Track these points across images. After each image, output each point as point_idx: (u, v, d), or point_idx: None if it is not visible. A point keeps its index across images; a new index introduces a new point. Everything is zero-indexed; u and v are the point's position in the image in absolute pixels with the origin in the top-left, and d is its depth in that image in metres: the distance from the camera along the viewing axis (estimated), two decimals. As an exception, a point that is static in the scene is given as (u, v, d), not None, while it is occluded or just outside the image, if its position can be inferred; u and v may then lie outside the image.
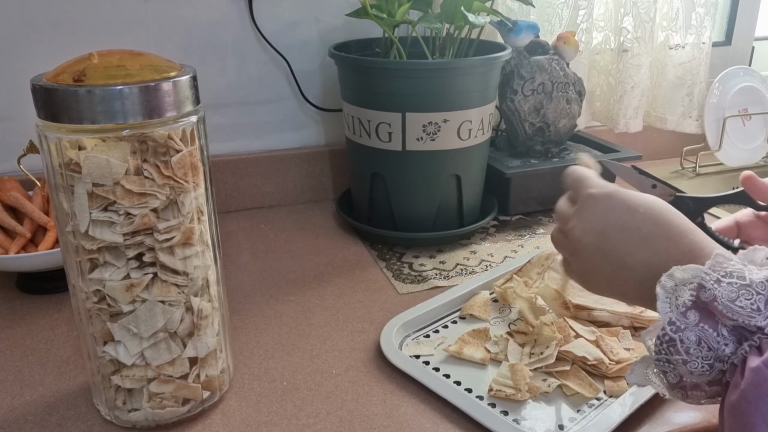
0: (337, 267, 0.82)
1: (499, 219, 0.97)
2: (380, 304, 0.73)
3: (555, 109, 0.99)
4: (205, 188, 0.52)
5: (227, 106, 0.98)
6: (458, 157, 0.84)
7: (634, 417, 0.54)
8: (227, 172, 0.99)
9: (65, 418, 0.56)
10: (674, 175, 1.20)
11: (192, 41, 0.93)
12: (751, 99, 1.21)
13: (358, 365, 0.63)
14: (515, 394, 0.57)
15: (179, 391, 0.53)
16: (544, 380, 0.59)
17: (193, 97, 0.49)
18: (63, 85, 0.45)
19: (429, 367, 0.62)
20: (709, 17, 1.13)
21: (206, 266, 0.53)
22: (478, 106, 0.82)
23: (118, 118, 0.45)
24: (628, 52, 1.10)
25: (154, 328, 0.50)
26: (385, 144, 0.83)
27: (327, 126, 1.05)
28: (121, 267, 0.49)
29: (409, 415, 0.56)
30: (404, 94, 0.79)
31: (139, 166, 0.47)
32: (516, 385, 0.57)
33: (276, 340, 0.67)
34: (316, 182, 1.05)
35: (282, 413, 0.56)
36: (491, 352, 0.63)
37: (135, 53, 0.49)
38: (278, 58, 0.97)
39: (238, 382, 0.60)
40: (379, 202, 0.88)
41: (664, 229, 0.44)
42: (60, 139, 0.46)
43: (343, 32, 0.99)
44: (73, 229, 0.48)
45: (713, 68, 1.20)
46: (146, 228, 0.48)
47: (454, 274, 0.80)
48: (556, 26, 1.07)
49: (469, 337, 0.65)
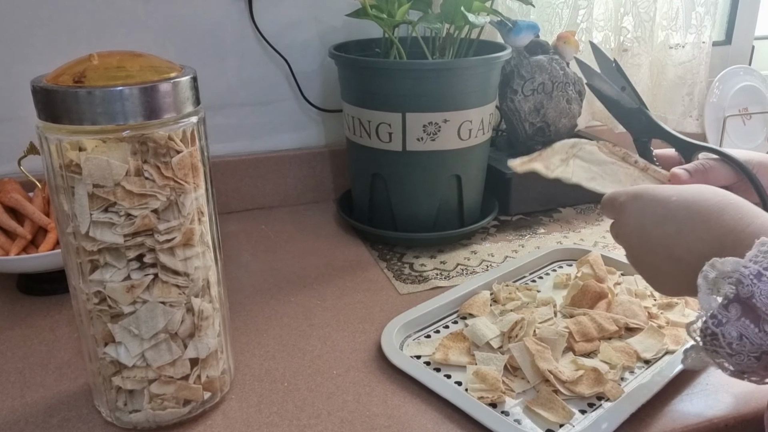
0: (337, 267, 0.82)
1: (500, 219, 0.97)
2: (381, 305, 0.73)
3: (555, 108, 0.99)
4: (206, 189, 0.52)
5: (227, 107, 0.98)
6: (458, 157, 0.84)
7: (636, 416, 0.54)
8: (228, 172, 0.99)
9: (66, 420, 0.56)
10: (675, 174, 1.20)
11: (192, 42, 0.93)
12: (751, 98, 1.21)
13: (359, 366, 0.63)
14: (499, 396, 0.56)
15: (180, 392, 0.53)
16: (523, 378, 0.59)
17: (193, 97, 0.49)
18: (63, 86, 0.45)
19: (430, 367, 0.62)
20: (709, 16, 1.13)
21: (207, 267, 0.53)
22: (479, 106, 0.82)
23: (118, 119, 0.45)
24: (628, 51, 1.10)
25: (155, 329, 0.50)
26: (385, 144, 0.83)
27: (327, 126, 1.05)
28: (122, 268, 0.49)
29: (410, 415, 0.56)
30: (404, 94, 0.79)
31: (140, 167, 0.47)
32: (492, 387, 0.57)
33: (277, 340, 0.67)
34: (317, 183, 1.05)
35: (283, 414, 0.56)
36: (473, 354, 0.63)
37: (135, 54, 0.49)
38: (278, 59, 0.97)
39: (239, 383, 0.60)
40: (380, 202, 0.88)
41: (699, 210, 0.42)
42: (60, 141, 0.46)
43: (343, 33, 0.99)
44: (74, 230, 0.48)
45: (713, 68, 1.20)
46: (147, 229, 0.48)
47: (454, 274, 0.80)
48: (556, 26, 1.07)
49: (449, 342, 0.65)
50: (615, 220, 0.51)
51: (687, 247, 0.42)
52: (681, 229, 0.42)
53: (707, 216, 0.41)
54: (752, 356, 0.36)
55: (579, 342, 0.63)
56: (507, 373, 0.61)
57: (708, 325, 0.37)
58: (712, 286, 0.37)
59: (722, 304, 0.37)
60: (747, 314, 0.36)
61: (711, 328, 0.37)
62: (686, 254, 0.42)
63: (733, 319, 0.36)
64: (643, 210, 0.46)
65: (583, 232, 0.93)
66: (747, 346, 0.36)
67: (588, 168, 0.59)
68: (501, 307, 0.70)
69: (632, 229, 0.47)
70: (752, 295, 0.35)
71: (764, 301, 0.34)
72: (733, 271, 0.36)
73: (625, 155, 0.60)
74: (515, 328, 0.64)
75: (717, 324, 0.37)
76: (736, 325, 0.36)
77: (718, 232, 0.40)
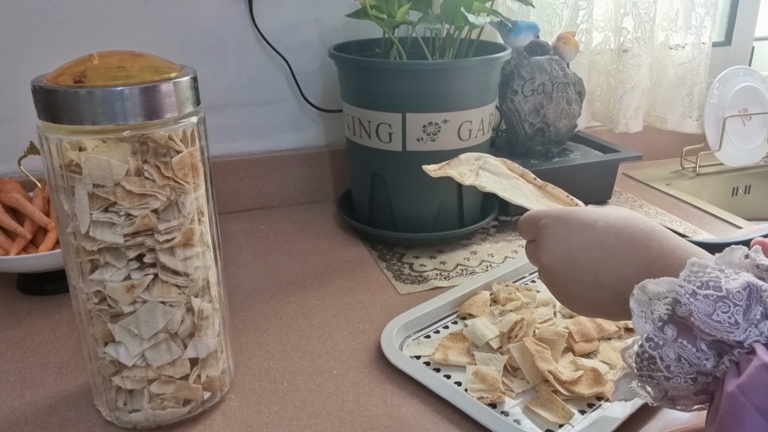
0: (337, 268, 0.82)
1: (500, 219, 0.97)
2: (381, 305, 0.73)
3: (555, 109, 0.99)
4: (206, 189, 0.52)
5: (227, 107, 0.98)
6: (458, 157, 0.84)
7: (636, 416, 0.54)
8: (228, 172, 0.99)
9: (66, 419, 0.56)
10: (675, 175, 1.20)
11: (192, 42, 0.93)
12: (751, 99, 1.21)
13: (359, 366, 0.63)
14: (499, 396, 0.57)
15: (180, 392, 0.53)
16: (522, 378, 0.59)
17: (193, 98, 0.49)
18: (63, 86, 0.45)
19: (430, 367, 0.62)
20: (709, 17, 1.13)
21: (207, 267, 0.53)
22: (479, 107, 0.82)
23: (118, 119, 0.45)
24: (628, 52, 1.10)
25: (155, 329, 0.50)
26: (385, 144, 0.83)
27: (327, 127, 1.05)
28: (122, 268, 0.49)
29: (409, 415, 0.56)
30: (404, 94, 0.79)
31: (140, 167, 0.47)
32: (491, 387, 0.57)
33: (276, 340, 0.67)
34: (317, 183, 1.05)
35: (283, 414, 0.56)
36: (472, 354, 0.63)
37: (135, 54, 0.49)
38: (278, 59, 0.98)
39: (238, 382, 0.60)
40: (380, 202, 0.88)
41: (628, 237, 0.42)
42: (60, 140, 0.46)
43: (343, 33, 0.99)
44: (74, 230, 0.48)
45: (713, 68, 1.20)
46: (147, 229, 0.48)
47: (454, 274, 0.80)
48: (556, 27, 1.07)
49: (449, 342, 0.65)
50: (535, 240, 0.50)
51: (615, 273, 0.42)
52: (610, 255, 0.43)
53: (635, 242, 0.42)
54: (689, 378, 0.36)
55: (579, 342, 0.63)
56: (507, 373, 0.61)
57: (645, 349, 0.37)
58: (645, 308, 0.37)
59: (657, 326, 0.36)
60: (683, 334, 0.36)
61: (648, 351, 0.37)
62: (614, 280, 0.42)
63: (670, 340, 0.36)
64: (569, 235, 0.46)
65: (582, 232, 0.93)
66: (685, 367, 0.36)
67: (497, 180, 0.60)
68: (501, 308, 0.70)
69: (557, 255, 0.46)
70: (691, 314, 0.35)
71: (703, 319, 0.34)
72: (669, 291, 0.36)
73: (523, 173, 0.61)
74: (515, 328, 0.64)
75: (654, 347, 0.36)
76: (673, 346, 0.36)
77: (646, 258, 0.41)
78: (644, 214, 0.99)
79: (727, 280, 0.35)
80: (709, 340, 0.35)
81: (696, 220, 0.97)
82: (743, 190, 1.28)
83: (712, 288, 0.35)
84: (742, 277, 0.35)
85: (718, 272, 0.36)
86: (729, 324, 0.34)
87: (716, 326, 0.34)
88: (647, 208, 1.02)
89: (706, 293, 0.35)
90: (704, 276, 0.36)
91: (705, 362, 0.35)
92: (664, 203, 1.04)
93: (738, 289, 0.34)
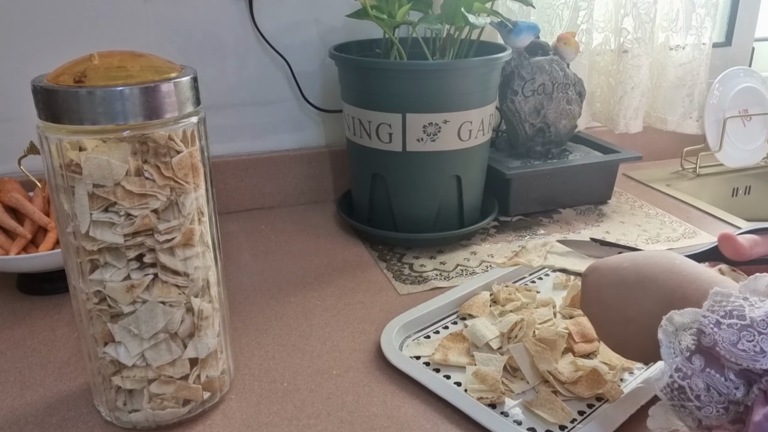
0: (337, 268, 0.82)
1: (500, 220, 0.97)
2: (380, 305, 0.73)
3: (555, 109, 0.99)
4: (206, 189, 0.52)
5: (228, 107, 0.98)
6: (458, 157, 0.84)
7: (636, 417, 0.54)
8: (228, 173, 0.99)
9: (66, 419, 0.56)
10: (675, 175, 1.20)
11: (192, 42, 0.93)
12: (751, 100, 1.21)
13: (359, 366, 0.63)
14: (498, 397, 0.57)
15: (180, 392, 0.53)
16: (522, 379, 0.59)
17: (193, 98, 0.49)
18: (64, 86, 0.45)
19: (429, 368, 0.62)
20: (709, 18, 1.13)
21: (207, 267, 0.53)
22: (479, 107, 0.82)
23: (118, 119, 0.45)
24: (628, 52, 1.10)
25: (155, 329, 0.50)
26: (385, 145, 0.83)
27: (327, 127, 1.05)
28: (122, 268, 0.49)
29: (409, 415, 0.56)
30: (404, 95, 0.79)
31: (140, 167, 0.47)
32: (491, 387, 0.57)
33: (276, 341, 0.67)
34: (317, 183, 1.05)
35: (282, 414, 0.56)
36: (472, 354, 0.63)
37: (135, 54, 0.49)
38: (279, 59, 0.98)
39: (238, 383, 0.60)
40: (380, 203, 0.88)
41: (648, 272, 0.43)
42: (61, 140, 0.46)
43: (343, 33, 0.99)
44: (74, 230, 0.48)
45: (713, 69, 1.20)
46: (147, 229, 0.48)
47: (454, 274, 0.80)
48: (557, 27, 1.07)
49: (448, 342, 0.65)
50: (581, 299, 0.52)
51: (639, 309, 0.43)
52: (632, 291, 0.44)
53: (655, 276, 0.43)
54: (720, 407, 0.36)
55: (578, 343, 0.63)
56: (506, 373, 0.61)
57: (674, 379, 0.37)
58: (673, 339, 0.38)
59: (685, 356, 0.37)
60: (710, 364, 0.36)
61: (678, 382, 0.37)
62: (640, 315, 0.43)
63: (698, 370, 0.36)
64: (599, 280, 0.49)
65: (582, 232, 0.93)
66: (715, 396, 0.36)
67: (566, 258, 0.64)
68: (501, 308, 0.70)
69: (592, 300, 0.49)
70: (715, 344, 0.35)
71: (728, 348, 0.35)
72: (693, 321, 0.37)
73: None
74: (515, 328, 0.64)
75: (683, 377, 0.37)
76: (702, 376, 0.36)
77: (665, 290, 0.42)
78: (644, 214, 0.99)
79: (751, 308, 0.35)
80: (737, 369, 0.35)
81: (696, 220, 0.97)
82: (743, 191, 1.28)
83: (736, 317, 0.35)
84: (766, 304, 0.35)
85: (741, 301, 0.36)
86: (754, 352, 0.34)
87: (741, 355, 0.34)
88: (647, 208, 1.02)
89: (730, 322, 0.35)
90: (728, 305, 0.36)
91: (735, 391, 0.35)
92: (664, 204, 1.04)
93: (762, 317, 0.34)
